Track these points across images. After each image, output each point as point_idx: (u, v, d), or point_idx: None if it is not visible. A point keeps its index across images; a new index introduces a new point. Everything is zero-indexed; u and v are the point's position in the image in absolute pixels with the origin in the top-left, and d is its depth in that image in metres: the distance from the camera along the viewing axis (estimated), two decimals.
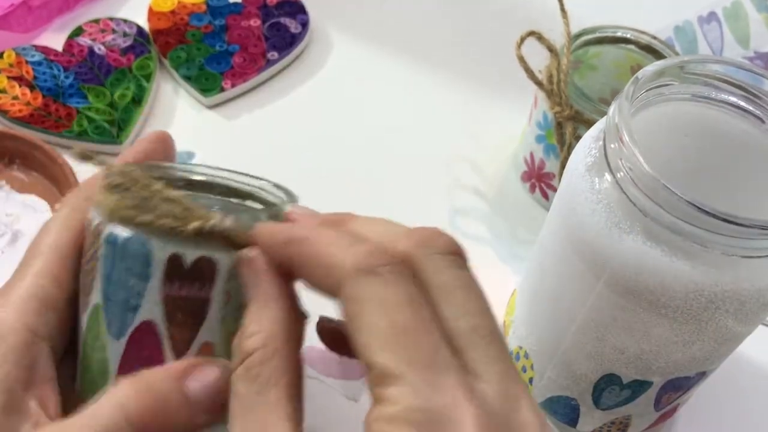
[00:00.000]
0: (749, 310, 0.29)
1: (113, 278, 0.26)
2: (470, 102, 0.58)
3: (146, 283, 0.26)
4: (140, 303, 0.26)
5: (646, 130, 0.29)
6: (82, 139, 0.51)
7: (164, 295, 0.26)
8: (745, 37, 0.56)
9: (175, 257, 0.25)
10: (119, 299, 0.26)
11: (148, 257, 0.25)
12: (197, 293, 0.26)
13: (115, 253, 0.26)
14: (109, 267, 0.26)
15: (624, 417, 0.37)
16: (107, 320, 0.26)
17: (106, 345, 0.27)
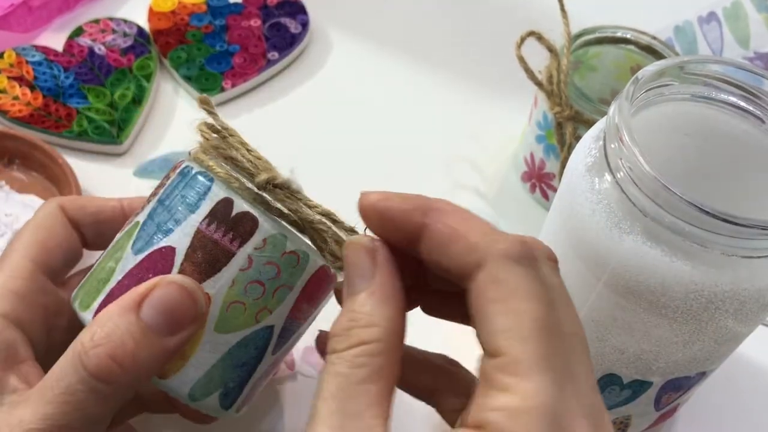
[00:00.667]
0: (749, 311, 0.29)
1: (166, 202, 0.27)
2: (470, 102, 0.58)
3: (190, 213, 0.27)
4: (174, 228, 0.27)
5: (646, 130, 0.29)
6: (82, 139, 0.51)
7: (198, 229, 0.26)
8: (745, 37, 0.56)
9: (227, 201, 0.27)
10: (159, 220, 0.27)
11: (206, 191, 0.27)
12: (227, 244, 0.26)
13: (180, 182, 0.27)
14: (169, 192, 0.28)
15: (624, 417, 0.37)
16: (137, 236, 0.27)
17: (121, 257, 0.27)
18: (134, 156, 0.52)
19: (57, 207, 0.31)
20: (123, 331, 0.24)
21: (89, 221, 0.32)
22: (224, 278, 0.26)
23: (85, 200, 0.32)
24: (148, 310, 0.25)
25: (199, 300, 0.25)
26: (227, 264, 0.26)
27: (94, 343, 0.24)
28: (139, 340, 0.24)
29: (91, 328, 0.25)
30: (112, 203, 0.32)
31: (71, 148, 0.52)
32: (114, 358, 0.24)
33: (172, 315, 0.25)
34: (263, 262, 0.27)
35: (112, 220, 0.32)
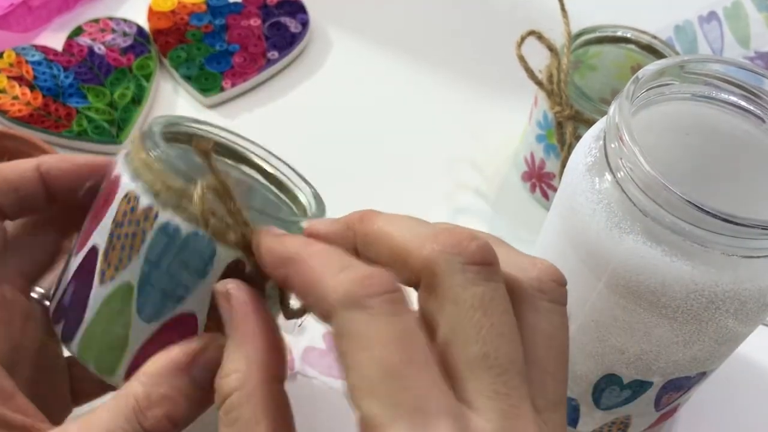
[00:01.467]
0: (749, 310, 0.29)
1: (161, 266, 0.25)
2: (470, 102, 0.58)
3: (200, 279, 0.25)
4: (186, 296, 0.26)
5: (646, 130, 0.29)
6: (81, 139, 0.51)
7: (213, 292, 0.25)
8: (746, 36, 0.56)
9: (237, 264, 0.25)
10: (162, 287, 0.26)
11: (211, 257, 0.25)
12: None
13: (169, 244, 0.25)
14: (159, 254, 0.25)
15: (624, 417, 0.37)
16: (139, 302, 0.26)
17: (130, 324, 0.26)
18: None
19: None
20: (177, 391, 0.24)
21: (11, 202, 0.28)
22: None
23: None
24: (200, 371, 0.25)
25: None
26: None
27: (150, 403, 0.24)
28: (191, 400, 0.24)
29: (143, 385, 0.24)
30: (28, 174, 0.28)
31: (71, 147, 0.52)
32: (170, 418, 0.24)
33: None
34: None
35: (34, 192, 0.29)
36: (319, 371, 0.42)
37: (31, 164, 0.29)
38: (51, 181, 0.29)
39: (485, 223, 0.51)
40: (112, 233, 0.27)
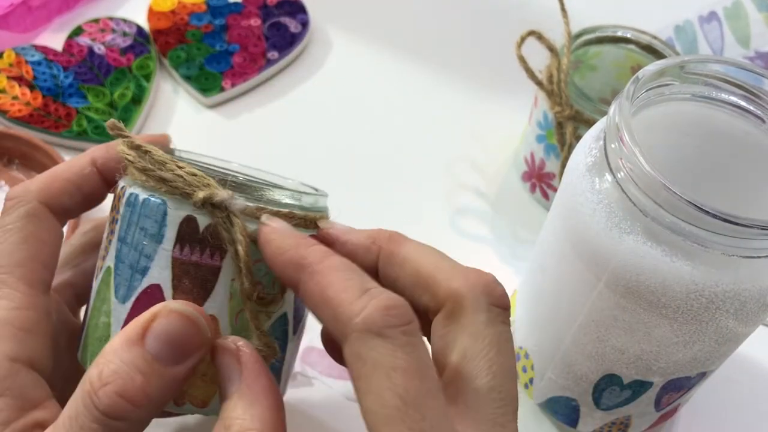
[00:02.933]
0: (750, 311, 0.29)
1: (127, 240, 0.26)
2: (470, 102, 0.58)
3: (158, 244, 0.25)
4: (149, 265, 0.25)
5: (646, 130, 0.29)
6: (81, 139, 0.51)
7: (174, 258, 0.25)
8: (746, 36, 0.56)
9: (190, 219, 0.25)
10: (130, 261, 0.26)
11: (163, 217, 0.25)
12: (207, 261, 0.25)
13: (132, 214, 0.26)
14: (125, 228, 0.26)
15: (624, 417, 0.37)
16: (116, 283, 0.26)
17: (111, 309, 0.26)
18: None
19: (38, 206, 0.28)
20: (130, 366, 0.23)
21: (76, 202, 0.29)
22: (220, 294, 0.26)
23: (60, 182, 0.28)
24: (153, 341, 0.24)
25: (202, 326, 0.25)
26: (217, 280, 0.26)
27: (102, 382, 0.23)
28: (147, 373, 0.23)
29: (98, 366, 0.24)
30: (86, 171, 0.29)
31: (71, 147, 0.52)
32: (124, 395, 0.23)
33: (178, 344, 0.24)
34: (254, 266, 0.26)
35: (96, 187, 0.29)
36: (319, 371, 0.42)
37: (85, 160, 0.29)
38: (107, 173, 0.29)
39: (485, 223, 0.51)
40: (106, 229, 0.27)
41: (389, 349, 0.22)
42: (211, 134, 0.54)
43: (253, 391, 0.24)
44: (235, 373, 0.24)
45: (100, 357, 0.24)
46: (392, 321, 0.22)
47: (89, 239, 0.32)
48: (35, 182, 0.28)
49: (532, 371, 0.38)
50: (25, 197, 0.27)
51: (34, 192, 0.28)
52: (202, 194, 0.25)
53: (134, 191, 0.26)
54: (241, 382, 0.24)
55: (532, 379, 0.39)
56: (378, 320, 0.22)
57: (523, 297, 0.39)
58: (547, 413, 0.40)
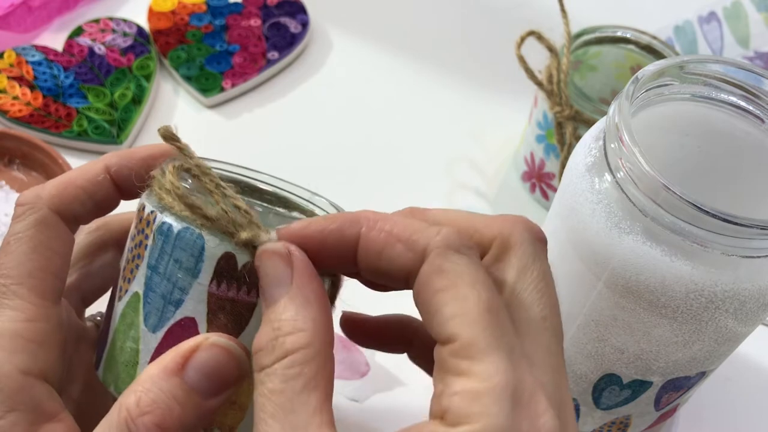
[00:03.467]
0: (749, 310, 0.29)
1: (159, 269, 0.25)
2: (470, 102, 0.58)
3: (194, 278, 0.25)
4: (183, 298, 0.25)
5: (646, 130, 0.29)
6: (81, 139, 0.51)
7: (210, 293, 0.25)
8: (745, 37, 0.56)
9: (229, 256, 0.25)
10: (162, 291, 0.25)
11: (201, 252, 0.25)
12: (244, 297, 0.25)
13: (165, 244, 0.25)
14: (157, 257, 0.25)
15: (624, 417, 0.37)
16: (145, 311, 0.26)
17: (139, 336, 0.26)
18: None
19: (48, 214, 0.27)
20: (168, 396, 0.23)
21: (88, 210, 0.28)
22: (253, 329, 0.25)
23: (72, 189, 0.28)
24: (193, 373, 0.24)
25: (242, 360, 0.24)
26: (252, 315, 0.25)
27: (140, 411, 0.23)
28: (184, 405, 0.23)
29: (135, 393, 0.23)
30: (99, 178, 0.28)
31: (71, 148, 0.52)
32: (161, 425, 0.23)
33: (217, 377, 0.24)
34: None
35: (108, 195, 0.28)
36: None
37: (98, 167, 0.28)
38: (121, 180, 0.28)
39: None
40: (130, 249, 0.27)
41: (470, 264, 0.23)
42: (211, 134, 0.54)
43: (304, 294, 0.23)
44: (286, 276, 0.24)
45: (138, 384, 0.24)
46: (467, 242, 0.23)
47: (95, 239, 0.31)
48: (47, 189, 0.27)
49: None
50: (36, 204, 0.27)
51: (45, 199, 0.27)
52: (245, 236, 0.24)
53: (167, 220, 0.25)
54: (292, 284, 0.23)
55: None
56: (456, 240, 0.23)
57: None
58: None
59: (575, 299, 0.32)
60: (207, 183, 0.25)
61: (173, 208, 0.25)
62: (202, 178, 0.25)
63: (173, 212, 0.25)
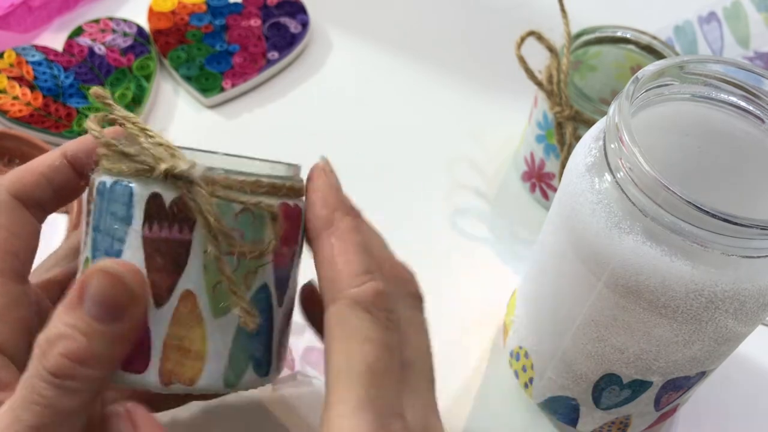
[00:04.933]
0: (749, 310, 0.29)
1: (100, 227, 0.26)
2: (470, 102, 0.58)
3: (128, 226, 0.25)
4: (122, 248, 0.26)
5: (646, 130, 0.29)
6: None
7: (144, 237, 0.25)
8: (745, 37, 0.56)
9: (155, 196, 0.25)
10: (105, 247, 0.26)
11: (130, 197, 0.25)
12: (177, 235, 0.25)
13: (102, 201, 0.26)
14: (98, 216, 0.26)
15: (624, 417, 0.37)
16: None
17: None
18: None
19: (8, 198, 0.28)
20: (71, 328, 0.24)
21: (49, 195, 0.29)
22: (194, 267, 0.26)
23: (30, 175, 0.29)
24: (90, 303, 0.24)
25: (128, 281, 0.25)
26: (189, 254, 0.26)
27: (49, 345, 0.24)
28: (88, 334, 0.24)
29: (46, 330, 0.25)
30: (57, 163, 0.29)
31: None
32: (68, 355, 0.24)
33: (110, 302, 0.25)
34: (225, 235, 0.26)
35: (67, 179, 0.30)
36: (318, 371, 0.42)
37: (56, 154, 0.29)
38: (78, 165, 0.29)
39: (485, 223, 0.51)
40: (82, 224, 0.28)
41: (370, 322, 0.25)
42: (211, 134, 0.54)
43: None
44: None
45: (48, 324, 0.25)
46: (380, 304, 0.25)
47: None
48: (7, 176, 0.29)
49: (531, 371, 0.38)
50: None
51: (5, 185, 0.29)
52: (164, 166, 0.25)
53: (102, 179, 0.26)
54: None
55: (532, 378, 0.39)
56: (369, 298, 0.25)
57: (522, 297, 0.39)
58: (547, 413, 0.40)
59: (575, 299, 0.32)
60: (131, 128, 0.26)
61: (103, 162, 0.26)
62: (126, 123, 0.26)
63: (105, 169, 0.26)
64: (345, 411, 0.24)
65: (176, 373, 0.26)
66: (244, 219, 0.26)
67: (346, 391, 0.24)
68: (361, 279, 0.25)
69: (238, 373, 0.27)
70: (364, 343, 0.24)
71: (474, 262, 0.49)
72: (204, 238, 0.25)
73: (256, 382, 0.28)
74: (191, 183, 0.25)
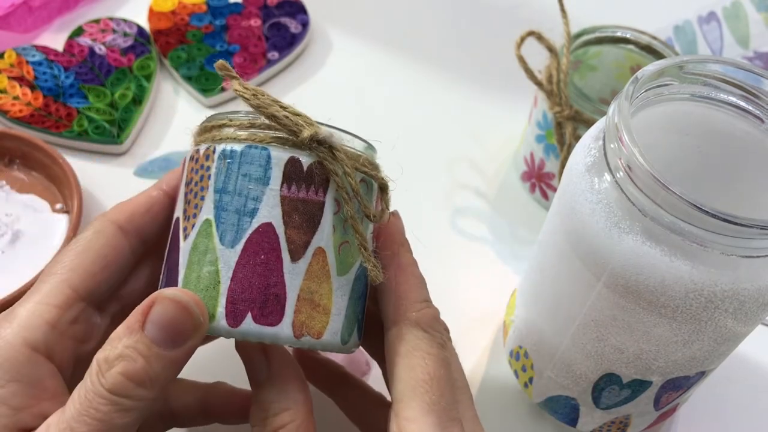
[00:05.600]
0: (748, 310, 0.29)
1: (229, 188, 0.27)
2: (470, 102, 0.58)
3: (265, 186, 0.27)
4: (258, 207, 0.27)
5: (645, 130, 0.29)
6: (82, 139, 0.51)
7: (282, 196, 0.27)
8: (745, 37, 0.56)
9: (294, 160, 0.27)
10: (235, 207, 0.27)
11: (268, 160, 0.27)
12: (313, 197, 0.27)
13: (231, 164, 0.27)
14: (224, 179, 0.27)
15: (624, 416, 0.37)
16: (220, 231, 0.27)
17: (217, 257, 0.27)
18: (134, 156, 0.53)
19: (109, 225, 0.30)
20: (131, 350, 0.25)
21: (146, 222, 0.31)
22: (326, 227, 0.28)
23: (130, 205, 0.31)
24: (151, 326, 0.26)
25: (194, 311, 0.26)
26: (323, 214, 0.28)
27: (108, 364, 0.25)
28: (147, 356, 0.25)
29: (104, 349, 0.26)
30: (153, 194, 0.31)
31: (71, 148, 0.52)
32: (126, 375, 0.25)
33: (173, 329, 0.26)
34: (348, 199, 0.28)
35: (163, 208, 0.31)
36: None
37: (154, 187, 0.32)
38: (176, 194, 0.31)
39: (485, 223, 0.51)
40: (185, 194, 0.29)
41: (429, 340, 0.29)
42: None
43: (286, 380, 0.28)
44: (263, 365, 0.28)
45: (107, 343, 0.26)
46: (437, 326, 0.29)
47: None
48: (112, 208, 0.31)
49: (531, 370, 0.39)
50: (101, 218, 0.31)
51: (109, 214, 0.31)
52: (308, 132, 0.27)
53: (228, 147, 0.28)
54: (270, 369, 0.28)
55: (532, 378, 0.39)
56: (428, 321, 0.29)
57: (522, 297, 0.39)
58: (547, 412, 0.40)
59: (575, 299, 0.32)
60: (264, 98, 0.27)
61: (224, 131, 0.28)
62: (260, 96, 0.27)
63: (224, 138, 0.28)
64: (412, 415, 0.27)
65: (307, 326, 0.27)
66: (362, 188, 0.29)
67: (411, 398, 0.27)
68: (421, 305, 0.29)
69: (350, 332, 0.29)
70: (425, 357, 0.28)
71: (474, 262, 0.49)
72: (336, 200, 0.28)
73: (356, 344, 0.30)
74: (332, 148, 0.27)
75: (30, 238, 0.46)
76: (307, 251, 0.27)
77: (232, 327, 0.27)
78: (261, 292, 0.27)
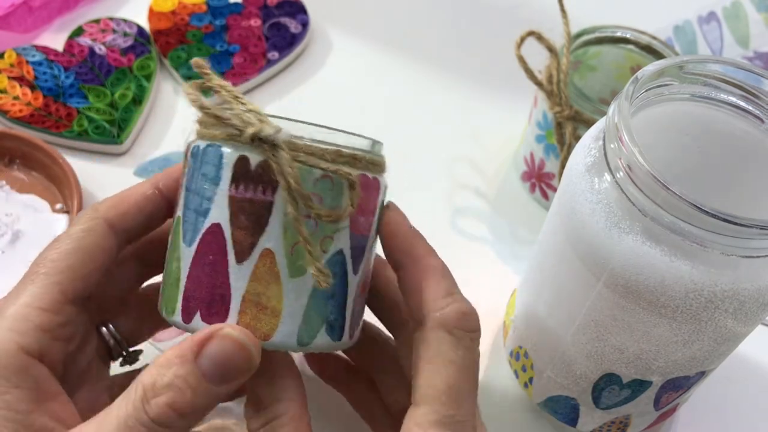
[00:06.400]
0: (748, 310, 0.29)
1: (191, 187, 0.28)
2: (470, 102, 0.58)
3: (216, 186, 0.27)
4: (210, 206, 0.27)
5: (645, 130, 0.29)
6: (82, 139, 0.51)
7: (230, 196, 0.27)
8: (745, 37, 0.56)
9: (243, 159, 0.27)
10: (194, 206, 0.28)
11: (220, 159, 0.27)
12: (260, 197, 0.27)
13: (195, 162, 0.28)
14: (190, 177, 0.28)
15: (624, 416, 0.37)
16: (184, 229, 0.28)
17: (180, 254, 0.28)
18: (134, 156, 0.52)
19: (100, 223, 0.30)
20: (181, 381, 0.25)
21: (139, 222, 0.31)
22: (275, 228, 0.27)
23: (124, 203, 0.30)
24: (206, 361, 0.25)
25: (253, 355, 0.26)
26: (270, 214, 0.27)
27: (155, 392, 0.25)
28: (196, 390, 0.25)
29: (152, 374, 0.25)
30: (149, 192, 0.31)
31: (71, 148, 0.52)
32: (173, 407, 0.25)
33: (228, 368, 0.25)
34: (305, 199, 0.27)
35: (158, 209, 0.31)
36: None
37: (148, 184, 0.31)
38: (170, 194, 0.31)
39: (485, 223, 0.51)
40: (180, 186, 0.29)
41: (453, 345, 0.27)
42: None
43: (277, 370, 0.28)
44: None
45: (155, 367, 0.25)
46: (463, 325, 0.27)
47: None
48: (104, 202, 0.30)
49: (531, 370, 0.39)
50: (93, 213, 0.30)
51: (101, 210, 0.30)
52: (251, 130, 0.26)
53: (197, 143, 0.28)
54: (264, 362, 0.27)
55: (532, 378, 0.39)
56: (452, 321, 0.27)
57: (522, 296, 0.39)
58: (547, 412, 0.40)
59: (575, 299, 0.32)
60: (225, 95, 0.28)
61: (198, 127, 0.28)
62: (221, 90, 0.28)
63: (200, 134, 0.28)
64: (427, 423, 0.26)
65: (253, 327, 0.27)
66: (323, 185, 0.28)
67: (428, 408, 0.26)
68: (445, 301, 0.28)
69: (311, 334, 0.28)
70: (447, 366, 0.27)
71: (474, 262, 0.49)
72: (285, 201, 0.27)
73: (329, 345, 0.29)
74: (275, 146, 0.26)
75: (30, 238, 0.46)
76: (253, 252, 0.27)
77: (185, 323, 0.28)
78: (209, 291, 0.27)
